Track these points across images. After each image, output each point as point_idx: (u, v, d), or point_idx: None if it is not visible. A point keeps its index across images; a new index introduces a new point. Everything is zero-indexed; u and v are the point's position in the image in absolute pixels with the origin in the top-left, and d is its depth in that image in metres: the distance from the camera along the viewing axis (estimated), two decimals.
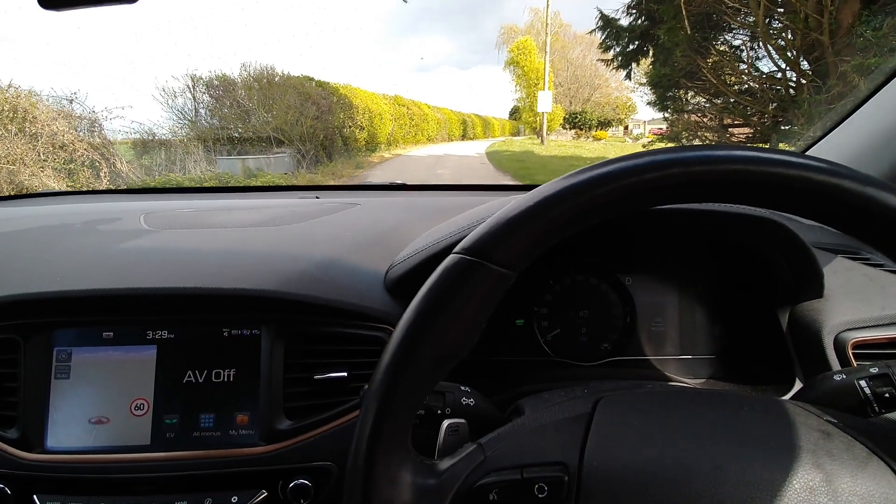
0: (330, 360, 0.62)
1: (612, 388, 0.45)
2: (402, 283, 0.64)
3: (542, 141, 19.41)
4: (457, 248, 0.35)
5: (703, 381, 0.73)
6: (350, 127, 12.38)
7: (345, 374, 0.61)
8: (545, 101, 18.39)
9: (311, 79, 11.05)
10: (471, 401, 0.48)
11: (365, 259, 0.70)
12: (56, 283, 0.62)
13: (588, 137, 29.75)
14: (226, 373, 0.61)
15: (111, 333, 0.61)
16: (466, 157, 15.34)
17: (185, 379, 0.61)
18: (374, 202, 0.99)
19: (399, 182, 1.25)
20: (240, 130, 9.03)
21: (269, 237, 0.77)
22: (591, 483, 0.34)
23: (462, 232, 0.60)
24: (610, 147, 20.30)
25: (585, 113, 43.71)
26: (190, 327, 0.62)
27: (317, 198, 1.08)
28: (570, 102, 36.35)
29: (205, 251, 0.70)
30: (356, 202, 0.97)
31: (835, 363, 0.61)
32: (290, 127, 9.13)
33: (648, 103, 10.62)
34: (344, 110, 12.05)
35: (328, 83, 11.81)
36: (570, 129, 36.08)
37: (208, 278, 0.62)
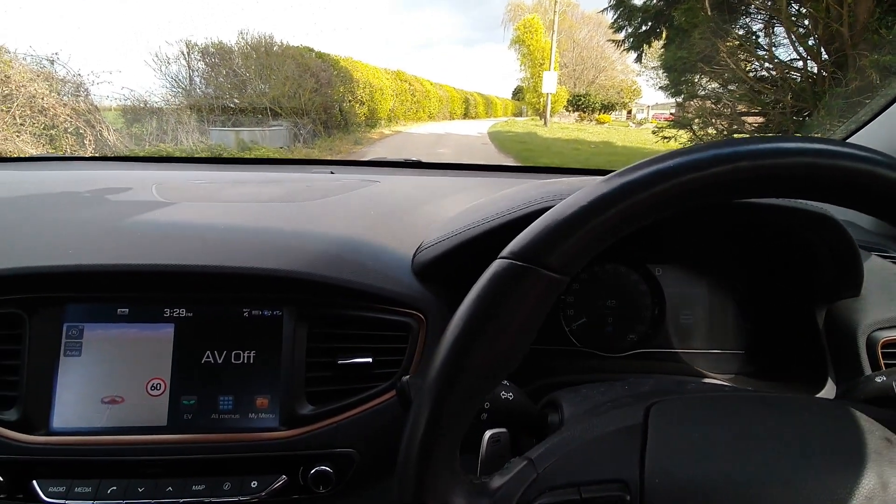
0: (354, 345, 0.60)
1: (653, 387, 0.45)
2: (433, 268, 0.62)
3: (545, 122, 19.01)
4: (505, 252, 0.33)
5: (730, 376, 0.72)
6: (350, 101, 11.98)
7: (369, 359, 0.59)
8: (550, 82, 17.94)
9: (311, 49, 10.62)
10: (510, 394, 0.46)
11: (390, 240, 0.67)
12: (68, 256, 0.59)
13: (591, 120, 29.24)
14: (245, 354, 0.59)
15: (126, 310, 0.59)
16: (468, 136, 14.99)
17: (204, 359, 0.58)
18: (393, 180, 0.95)
19: (415, 159, 1.21)
20: (235, 101, 8.63)
21: (290, 214, 0.74)
22: (655, 502, 0.33)
23: (499, 217, 0.57)
24: (613, 131, 19.94)
25: (589, 95, 43.14)
26: (209, 306, 0.59)
27: (331, 173, 1.04)
28: (575, 84, 35.75)
29: (224, 227, 0.67)
30: (375, 179, 0.93)
31: (866, 363, 0.61)
32: (286, 99, 8.76)
33: (661, 88, 10.30)
34: (344, 84, 11.64)
35: (328, 55, 11.39)
36: (573, 111, 35.60)
37: (231, 256, 0.60)
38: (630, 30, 10.87)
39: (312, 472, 0.57)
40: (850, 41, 6.42)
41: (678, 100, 10.03)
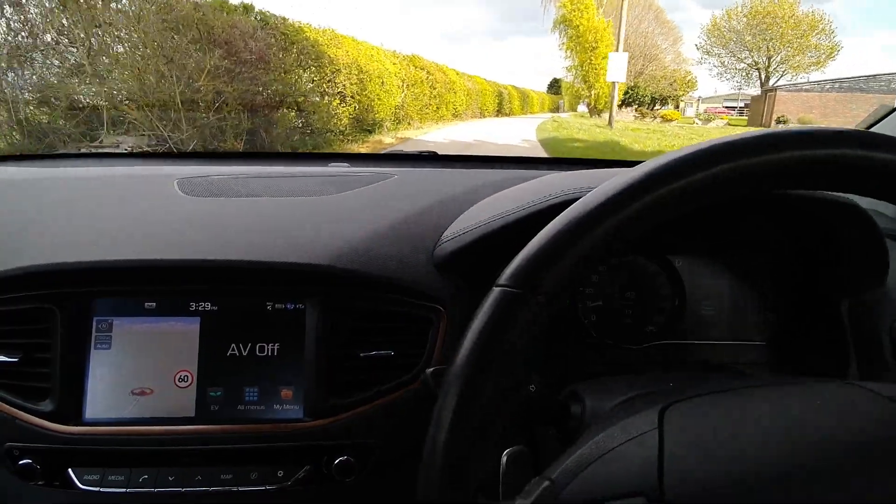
0: (376, 338, 0.61)
1: (675, 381, 0.45)
2: (453, 261, 0.62)
3: (609, 122, 14.13)
4: (501, 280, 0.35)
5: (751, 368, 0.72)
6: (323, 94, 7.49)
7: (391, 352, 0.60)
8: (618, 67, 13.10)
9: (232, 5, 6.08)
10: (532, 386, 0.47)
11: (410, 233, 0.66)
12: (95, 251, 0.60)
13: (654, 118, 23.93)
14: (270, 347, 0.60)
15: (153, 304, 0.60)
16: (510, 146, 10.28)
17: (229, 352, 0.60)
18: (411, 174, 0.91)
19: (430, 151, 1.14)
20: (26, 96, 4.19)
21: (308, 208, 0.72)
22: None
23: (519, 210, 0.58)
24: (693, 132, 15.00)
25: (638, 88, 37.94)
26: (234, 299, 0.61)
27: (348, 166, 1.02)
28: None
29: (246, 221, 0.67)
30: (392, 172, 0.88)
31: (890, 355, 0.63)
32: (147, 89, 4.24)
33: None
34: (311, 66, 7.16)
35: (278, 18, 6.88)
36: (624, 106, 30.55)
37: (254, 250, 0.61)
38: None
39: (336, 462, 0.59)
40: None
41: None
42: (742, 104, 44.83)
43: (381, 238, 0.64)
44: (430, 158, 1.13)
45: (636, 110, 23.70)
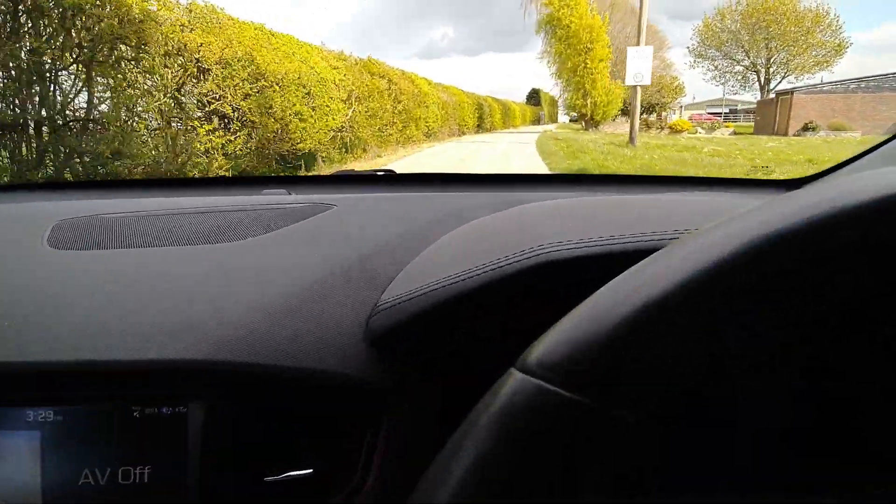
0: (288, 449, 0.47)
1: None
2: (392, 339, 0.48)
3: (630, 139, 10.78)
4: (529, 363, 0.23)
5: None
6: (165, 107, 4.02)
7: (310, 470, 0.47)
8: (640, 66, 9.78)
9: None
10: None
11: (338, 297, 0.52)
12: None
13: (661, 128, 20.73)
14: (137, 472, 0.45)
15: None
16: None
17: (82, 480, 0.45)
18: (354, 202, 0.74)
19: (387, 170, 0.96)
20: None
21: (210, 263, 0.57)
22: None
23: (482, 270, 0.43)
24: (744, 150, 11.88)
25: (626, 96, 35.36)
26: (84, 405, 0.46)
27: (288, 193, 0.84)
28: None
29: (110, 291, 0.51)
30: (332, 202, 0.72)
31: None
32: None
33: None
34: (131, 52, 3.68)
35: None
36: (622, 115, 27.63)
37: (111, 341, 0.46)
38: None
39: None
40: None
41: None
42: (727, 109, 42.67)
43: (295, 307, 0.50)
44: (386, 180, 0.94)
45: (643, 121, 20.45)
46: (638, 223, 0.39)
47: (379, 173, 0.95)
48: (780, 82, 29.43)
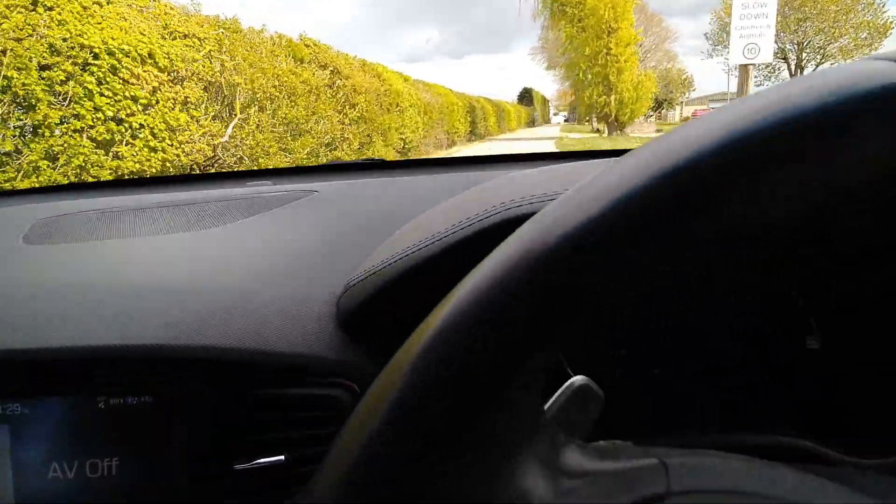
0: (259, 437, 0.45)
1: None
2: (362, 316, 0.46)
3: None
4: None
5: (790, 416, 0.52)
6: None
7: (281, 457, 0.45)
8: (755, 30, 5.62)
9: None
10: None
11: (310, 279, 0.51)
12: None
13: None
14: (105, 464, 0.45)
15: None
16: None
17: (51, 473, 0.45)
18: (337, 188, 0.73)
19: (378, 159, 0.98)
20: None
21: (178, 250, 0.58)
22: None
23: (438, 238, 0.42)
24: None
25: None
26: (50, 398, 0.46)
27: (272, 184, 0.84)
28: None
29: (74, 281, 0.52)
30: (313, 188, 0.72)
31: None
32: None
33: None
34: None
35: None
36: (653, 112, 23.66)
37: (66, 328, 0.45)
38: None
39: None
40: None
41: None
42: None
43: (263, 289, 0.49)
44: (376, 167, 0.95)
45: (662, 120, 16.13)
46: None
47: (368, 161, 0.95)
48: (814, 70, 25.54)
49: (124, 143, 3.59)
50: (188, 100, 4.07)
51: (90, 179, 3.25)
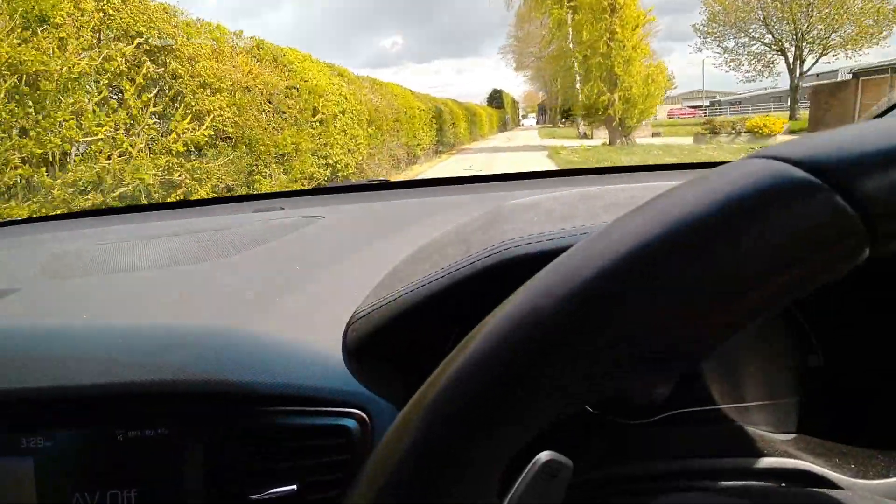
0: (272, 466, 0.47)
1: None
2: (371, 347, 0.46)
3: None
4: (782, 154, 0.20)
5: (791, 436, 0.52)
6: None
7: (293, 486, 0.46)
8: None
9: None
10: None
11: (318, 309, 0.54)
12: None
13: (733, 132, 13.34)
14: (125, 495, 0.47)
15: None
16: None
17: (73, 503, 0.48)
18: (345, 213, 0.79)
19: (382, 180, 1.03)
20: None
21: (185, 283, 0.61)
22: None
23: (443, 274, 0.41)
24: None
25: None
26: (72, 431, 0.49)
27: (281, 209, 0.89)
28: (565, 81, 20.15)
29: (86, 322, 0.55)
30: (319, 215, 0.76)
31: None
32: None
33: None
34: None
35: None
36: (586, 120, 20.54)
37: (81, 367, 0.49)
38: None
39: None
40: None
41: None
42: (707, 102, 36.63)
43: (272, 323, 0.53)
44: (382, 187, 0.99)
45: (708, 129, 12.84)
46: (605, 212, 0.39)
47: (374, 183, 0.99)
48: (815, 62, 22.99)
49: None
50: None
51: None
